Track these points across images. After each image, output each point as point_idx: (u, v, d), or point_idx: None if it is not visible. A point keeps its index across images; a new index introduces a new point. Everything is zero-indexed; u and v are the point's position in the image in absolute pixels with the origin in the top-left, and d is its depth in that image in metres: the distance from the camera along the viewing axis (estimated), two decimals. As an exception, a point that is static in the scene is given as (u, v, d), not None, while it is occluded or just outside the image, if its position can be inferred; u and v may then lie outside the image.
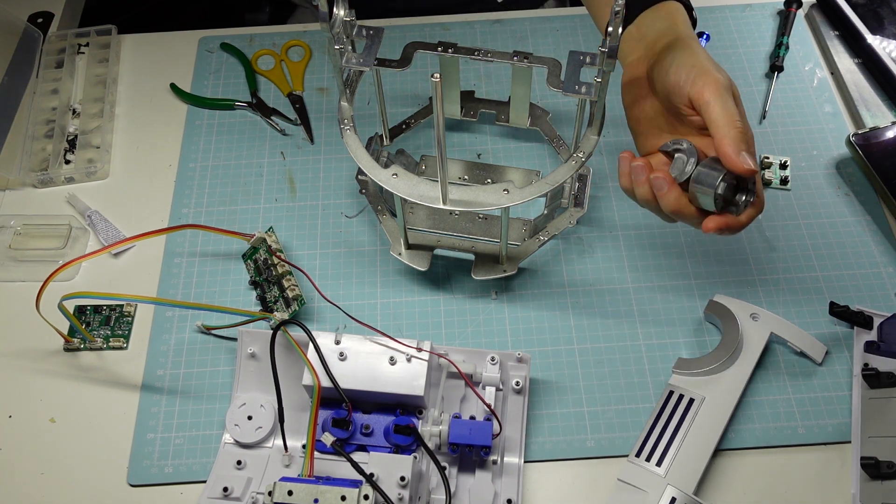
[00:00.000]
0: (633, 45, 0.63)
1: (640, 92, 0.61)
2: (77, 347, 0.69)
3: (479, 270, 0.70)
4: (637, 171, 0.57)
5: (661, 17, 0.61)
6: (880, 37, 0.85)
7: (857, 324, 0.67)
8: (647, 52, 0.61)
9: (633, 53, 0.62)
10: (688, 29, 0.61)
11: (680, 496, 0.59)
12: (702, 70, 0.55)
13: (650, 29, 0.62)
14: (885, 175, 0.75)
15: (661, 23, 0.61)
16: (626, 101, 0.63)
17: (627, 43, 0.63)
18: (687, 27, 0.61)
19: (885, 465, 0.58)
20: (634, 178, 0.57)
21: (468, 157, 0.80)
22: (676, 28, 0.60)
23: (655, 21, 0.62)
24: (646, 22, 0.62)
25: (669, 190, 0.56)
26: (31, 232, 0.75)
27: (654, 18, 0.62)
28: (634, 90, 0.62)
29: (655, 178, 0.56)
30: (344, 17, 0.63)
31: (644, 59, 0.61)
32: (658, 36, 0.61)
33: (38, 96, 0.84)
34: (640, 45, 0.62)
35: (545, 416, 0.65)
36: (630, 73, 0.62)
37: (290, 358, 0.63)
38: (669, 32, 0.60)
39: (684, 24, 0.61)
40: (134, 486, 0.63)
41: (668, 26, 0.61)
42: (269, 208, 0.77)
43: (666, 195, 0.56)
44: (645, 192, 0.57)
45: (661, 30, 0.61)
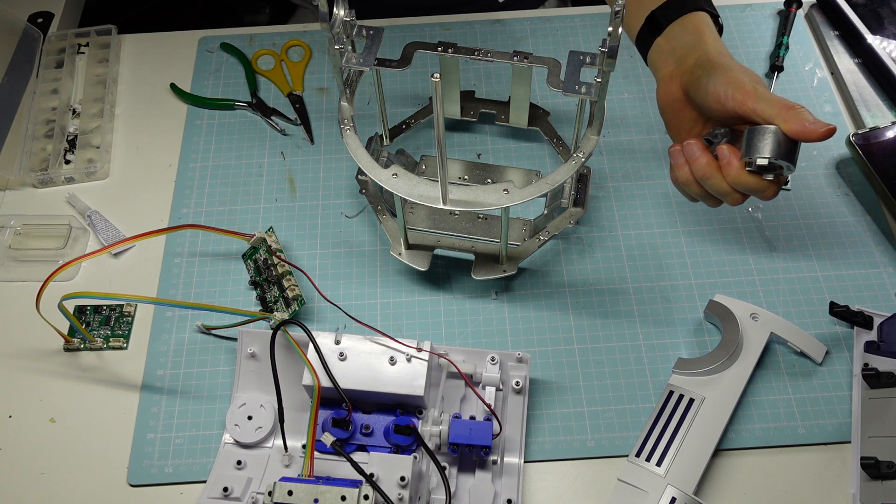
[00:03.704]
0: (663, 57, 0.64)
1: (677, 105, 0.63)
2: (77, 347, 0.69)
3: (479, 270, 0.70)
4: (691, 148, 0.59)
5: (688, 31, 0.63)
6: (880, 37, 0.85)
7: (857, 324, 0.67)
8: (678, 68, 0.62)
9: (665, 67, 0.64)
10: (716, 43, 0.63)
11: (680, 496, 0.59)
12: (737, 84, 0.58)
13: (678, 42, 0.63)
14: (885, 175, 0.75)
15: (689, 36, 0.63)
16: (665, 115, 0.65)
17: (658, 55, 0.65)
18: (715, 40, 0.63)
19: (885, 465, 0.58)
20: (689, 155, 0.59)
21: (468, 157, 0.80)
22: (705, 43, 0.62)
23: (683, 34, 0.63)
24: (674, 34, 0.64)
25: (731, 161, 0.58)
26: (31, 232, 0.75)
27: (681, 31, 0.63)
28: (671, 104, 0.63)
29: (720, 149, 0.58)
30: (344, 17, 0.63)
31: (676, 76, 0.62)
32: (687, 51, 0.62)
33: (38, 96, 0.84)
34: (671, 59, 0.64)
35: (545, 416, 0.65)
36: (664, 89, 0.64)
37: (290, 358, 0.63)
38: (698, 47, 0.62)
39: (712, 36, 0.63)
40: (134, 486, 0.63)
41: (697, 41, 0.62)
42: (269, 208, 0.77)
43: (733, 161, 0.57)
44: (703, 167, 0.59)
45: (689, 44, 0.62)
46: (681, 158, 0.60)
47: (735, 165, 0.57)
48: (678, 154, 0.60)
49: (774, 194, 0.59)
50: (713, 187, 0.59)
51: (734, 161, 0.57)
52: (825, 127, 0.54)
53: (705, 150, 0.59)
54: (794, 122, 0.55)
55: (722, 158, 0.58)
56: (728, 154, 0.58)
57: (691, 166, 0.60)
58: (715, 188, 0.59)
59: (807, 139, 0.55)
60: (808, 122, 0.55)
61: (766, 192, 0.58)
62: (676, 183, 0.62)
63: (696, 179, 0.60)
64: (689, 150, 0.59)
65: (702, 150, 0.59)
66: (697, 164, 0.59)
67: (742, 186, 0.58)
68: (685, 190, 0.62)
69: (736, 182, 0.58)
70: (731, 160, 0.57)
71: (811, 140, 0.55)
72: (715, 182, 0.59)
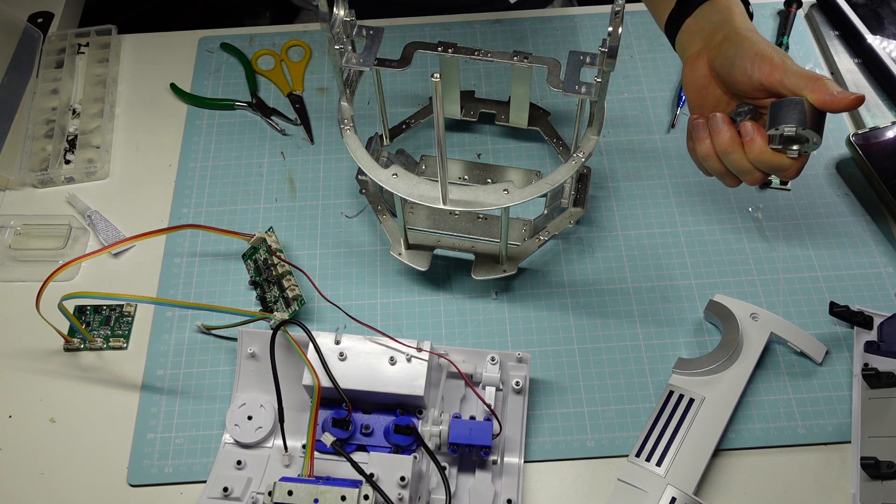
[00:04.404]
0: (691, 38, 0.64)
1: (703, 83, 0.62)
2: (77, 347, 0.69)
3: (479, 270, 0.70)
4: (716, 120, 0.59)
5: (717, 10, 0.63)
6: (880, 37, 0.85)
7: (857, 324, 0.67)
8: (705, 46, 0.62)
9: (693, 47, 0.64)
10: (744, 20, 0.62)
11: (680, 496, 0.59)
12: (763, 56, 0.57)
13: (707, 22, 0.63)
14: (885, 175, 0.75)
15: (718, 16, 0.62)
16: (690, 94, 0.64)
17: (686, 36, 0.64)
18: (743, 18, 0.62)
19: (885, 465, 0.58)
20: (713, 127, 0.59)
21: (468, 157, 0.80)
22: (733, 20, 0.61)
23: (712, 14, 0.63)
24: (703, 15, 0.63)
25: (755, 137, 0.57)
26: (31, 232, 0.75)
27: (711, 11, 0.63)
28: (697, 83, 0.63)
29: (743, 124, 0.58)
30: (344, 17, 0.63)
31: (703, 53, 0.62)
32: (714, 29, 0.62)
33: (38, 96, 0.84)
34: (699, 39, 0.63)
35: (545, 416, 0.65)
36: (690, 68, 0.63)
37: (290, 358, 0.63)
38: (726, 24, 0.61)
39: (740, 15, 0.62)
40: (134, 486, 0.63)
41: (724, 19, 0.62)
42: (269, 208, 0.77)
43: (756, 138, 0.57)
44: (725, 141, 0.58)
45: (717, 22, 0.62)
46: (703, 131, 0.59)
47: (758, 142, 0.57)
48: (701, 126, 0.60)
49: (796, 173, 0.58)
50: (734, 163, 0.58)
51: (758, 138, 0.57)
52: (852, 96, 0.54)
53: (730, 124, 0.58)
54: (821, 92, 0.55)
55: (745, 134, 0.57)
56: (752, 130, 0.57)
57: (714, 139, 0.59)
58: (735, 164, 0.58)
59: (834, 109, 0.55)
60: (835, 91, 0.54)
61: (789, 170, 0.57)
62: (696, 156, 0.61)
63: (716, 154, 0.59)
64: (714, 122, 0.59)
65: (727, 123, 0.58)
66: (720, 137, 0.58)
67: (764, 164, 0.57)
68: (704, 164, 0.61)
69: (758, 159, 0.57)
70: (754, 136, 0.57)
71: (838, 109, 0.55)
72: (736, 157, 0.58)
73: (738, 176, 0.60)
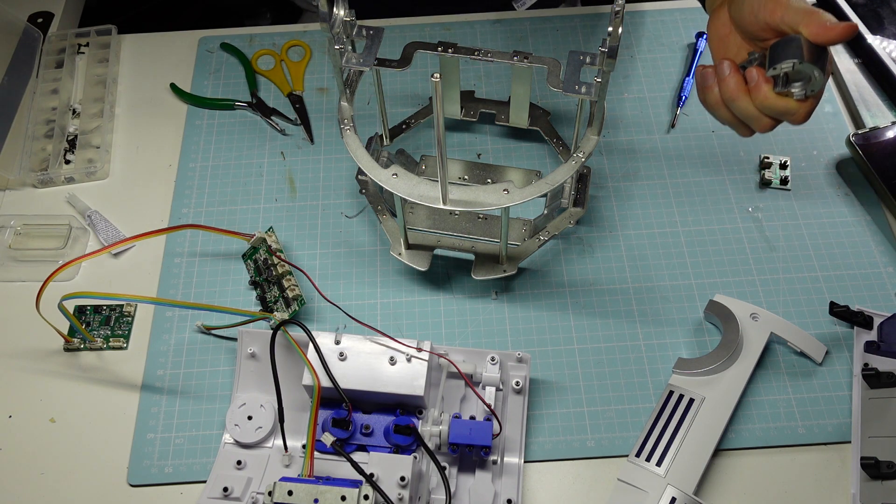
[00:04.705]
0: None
1: (724, 32, 0.63)
2: (77, 347, 0.69)
3: (479, 270, 0.70)
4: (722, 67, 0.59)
5: None
6: (880, 37, 0.85)
7: (857, 324, 0.67)
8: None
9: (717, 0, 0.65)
10: None
11: (680, 496, 0.59)
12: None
13: None
14: (885, 175, 0.75)
15: None
16: (713, 46, 0.64)
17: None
18: None
19: (885, 465, 0.58)
20: (719, 74, 0.59)
21: (468, 157, 0.80)
22: None
23: None
24: None
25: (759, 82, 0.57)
26: (31, 232, 0.75)
27: None
28: (720, 33, 0.63)
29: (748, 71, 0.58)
30: (344, 17, 0.63)
31: (725, 2, 0.62)
32: None
33: (38, 96, 0.84)
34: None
35: (545, 416, 0.65)
36: (715, 17, 0.63)
37: (290, 358, 0.63)
38: None
39: None
40: (134, 486, 0.63)
41: None
42: (269, 208, 0.77)
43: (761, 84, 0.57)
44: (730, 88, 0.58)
45: None
46: (711, 79, 0.60)
47: (763, 87, 0.57)
48: (710, 75, 0.60)
49: (804, 117, 0.58)
50: (741, 110, 0.59)
51: (762, 83, 0.57)
52: (842, 26, 0.54)
53: (736, 70, 0.59)
54: (814, 25, 0.55)
55: (750, 80, 0.57)
56: (756, 75, 0.57)
57: (720, 87, 0.59)
58: (742, 111, 0.59)
59: (826, 41, 0.55)
60: (827, 22, 0.55)
61: (796, 114, 0.57)
62: (706, 105, 0.62)
63: (724, 102, 0.60)
64: (720, 70, 0.59)
65: (732, 70, 0.58)
66: (725, 84, 0.59)
67: (770, 108, 0.57)
68: (714, 114, 0.61)
69: (764, 104, 0.57)
70: (759, 82, 0.57)
71: (830, 41, 0.55)
72: (742, 104, 0.58)
73: (747, 123, 0.60)
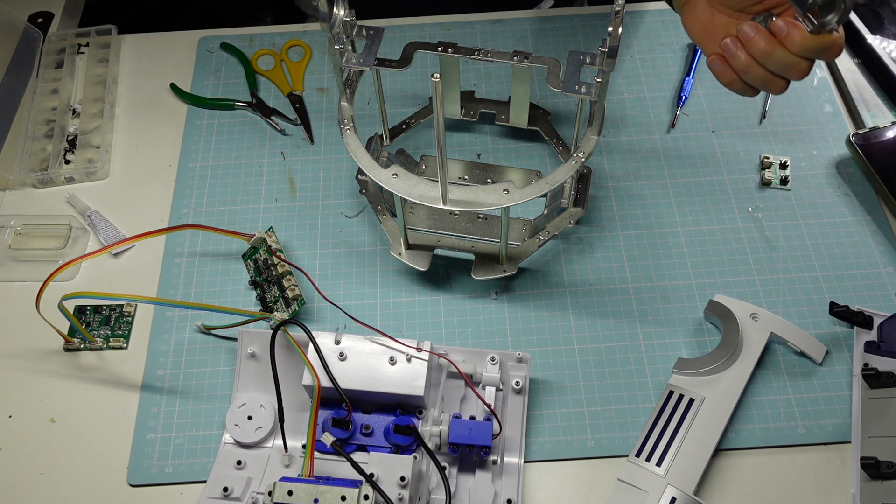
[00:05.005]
0: None
1: (705, 18, 0.62)
2: (77, 347, 0.69)
3: (479, 270, 0.70)
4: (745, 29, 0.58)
5: None
6: (880, 37, 0.85)
7: (857, 324, 0.67)
8: None
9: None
10: None
11: (680, 496, 0.59)
12: None
13: None
14: (885, 175, 0.75)
15: None
16: (695, 35, 0.64)
17: None
18: None
19: (885, 465, 0.58)
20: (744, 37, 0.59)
21: (468, 157, 0.80)
22: None
23: None
24: None
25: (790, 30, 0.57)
26: (31, 232, 0.75)
27: None
28: (700, 20, 0.63)
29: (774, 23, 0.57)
30: (344, 17, 0.63)
31: None
32: None
33: (38, 96, 0.84)
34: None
35: (545, 416, 0.65)
36: (689, 10, 0.63)
37: (290, 358, 0.63)
38: None
39: None
40: (134, 486, 0.63)
41: None
42: (269, 208, 0.77)
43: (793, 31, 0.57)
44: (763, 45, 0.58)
45: None
46: (734, 48, 0.59)
47: (797, 32, 0.56)
48: (731, 45, 0.59)
49: (841, 49, 0.57)
50: (779, 61, 0.58)
51: (794, 29, 0.56)
52: None
53: (760, 27, 0.58)
54: None
55: (780, 31, 0.57)
56: (785, 25, 0.57)
57: (749, 47, 0.59)
58: (780, 61, 0.58)
59: None
60: None
61: (834, 47, 0.57)
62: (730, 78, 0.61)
63: (756, 61, 0.59)
64: (744, 32, 0.58)
65: (756, 28, 0.58)
66: (755, 43, 0.58)
67: (810, 49, 0.57)
68: (745, 77, 0.61)
69: (803, 46, 0.57)
70: (790, 29, 0.56)
71: None
72: (779, 55, 0.58)
73: (784, 74, 0.59)
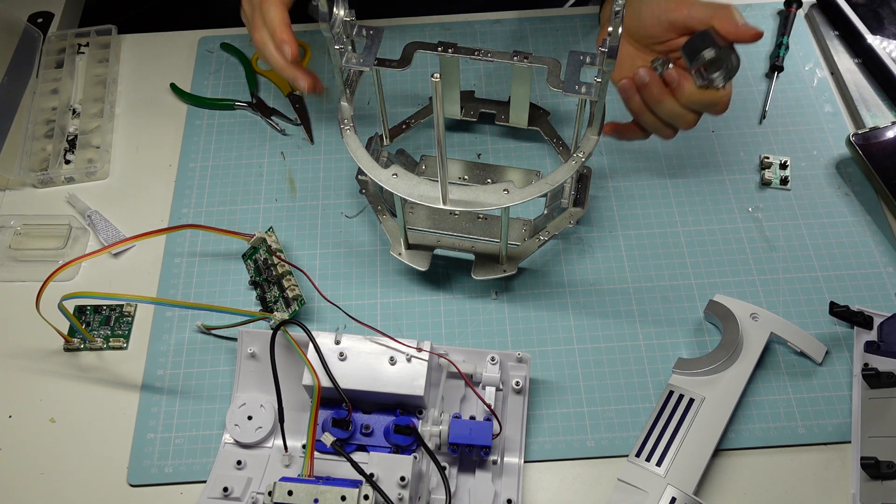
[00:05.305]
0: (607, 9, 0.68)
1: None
2: (77, 347, 0.69)
3: (479, 270, 0.70)
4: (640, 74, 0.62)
5: None
6: (880, 37, 0.85)
7: (857, 324, 0.67)
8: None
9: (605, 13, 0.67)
10: None
11: (680, 496, 0.59)
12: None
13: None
14: (885, 175, 0.75)
15: None
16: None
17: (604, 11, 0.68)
18: None
19: (885, 465, 0.58)
20: (639, 82, 0.62)
21: (468, 157, 0.80)
22: None
23: None
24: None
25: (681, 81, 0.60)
26: (31, 232, 0.75)
27: None
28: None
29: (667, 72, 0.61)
30: (344, 17, 0.63)
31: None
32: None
33: (38, 96, 0.84)
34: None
35: (545, 416, 0.65)
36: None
37: (290, 358, 0.63)
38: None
39: None
40: (134, 486, 0.63)
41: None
42: (269, 208, 0.77)
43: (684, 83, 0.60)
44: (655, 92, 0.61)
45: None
46: (630, 90, 0.63)
47: (686, 84, 0.60)
48: (627, 87, 0.63)
49: (727, 105, 0.61)
50: (667, 110, 0.61)
51: (684, 80, 0.60)
52: (754, 30, 0.58)
53: (654, 74, 0.61)
54: (728, 22, 0.58)
55: (672, 81, 0.60)
56: (677, 75, 0.60)
57: (643, 94, 0.62)
58: (668, 111, 0.61)
59: (739, 39, 0.58)
60: (740, 22, 0.58)
61: (720, 102, 0.60)
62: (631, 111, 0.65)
63: (648, 107, 0.62)
64: (640, 77, 0.61)
65: (651, 75, 0.61)
66: (649, 90, 0.61)
67: (697, 103, 0.60)
68: (639, 119, 0.64)
69: (690, 100, 0.60)
70: (681, 80, 0.60)
71: (742, 40, 0.58)
72: (668, 105, 0.61)
73: (673, 123, 0.63)
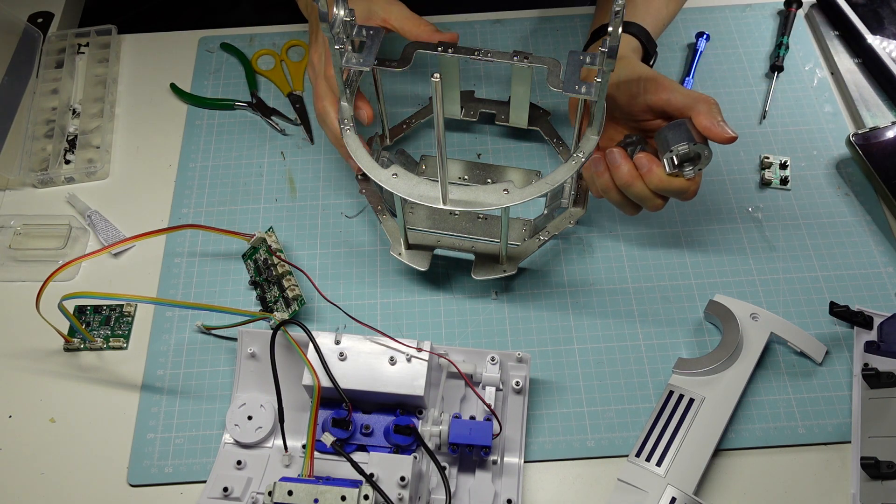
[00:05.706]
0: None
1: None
2: (77, 347, 0.69)
3: (479, 270, 0.70)
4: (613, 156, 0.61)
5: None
6: (880, 37, 0.85)
7: (857, 324, 0.67)
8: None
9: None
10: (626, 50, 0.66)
11: (680, 496, 0.59)
12: (648, 78, 0.61)
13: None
14: (885, 175, 0.75)
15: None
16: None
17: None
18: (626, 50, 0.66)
19: (885, 465, 0.58)
20: (611, 163, 0.62)
21: (468, 157, 0.80)
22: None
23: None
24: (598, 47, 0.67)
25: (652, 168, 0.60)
26: (31, 232, 0.75)
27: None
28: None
29: (638, 157, 0.61)
30: (344, 17, 0.63)
31: None
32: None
33: (38, 96, 0.84)
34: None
35: (545, 416, 0.65)
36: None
37: (290, 358, 0.63)
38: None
39: (624, 47, 0.66)
40: (134, 486, 0.63)
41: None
42: (269, 208, 0.77)
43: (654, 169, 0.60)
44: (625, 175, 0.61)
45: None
46: (601, 166, 0.62)
47: (656, 171, 0.60)
48: (599, 162, 0.63)
49: (695, 192, 0.61)
50: (636, 193, 0.61)
51: (654, 167, 0.60)
52: (730, 134, 0.57)
53: (627, 158, 0.61)
54: (706, 118, 0.58)
55: (642, 166, 0.60)
56: (647, 161, 0.60)
57: (613, 174, 0.62)
58: (637, 194, 0.61)
59: (713, 138, 0.58)
60: (717, 119, 0.58)
61: (688, 191, 0.60)
62: (595, 190, 0.65)
63: (616, 186, 0.62)
64: (612, 158, 0.61)
65: (623, 157, 0.61)
66: (619, 171, 0.61)
67: (664, 190, 0.60)
68: (604, 195, 0.64)
69: (659, 186, 0.60)
70: (651, 167, 0.60)
71: (717, 140, 0.58)
72: (637, 189, 0.61)
73: (640, 203, 0.63)
